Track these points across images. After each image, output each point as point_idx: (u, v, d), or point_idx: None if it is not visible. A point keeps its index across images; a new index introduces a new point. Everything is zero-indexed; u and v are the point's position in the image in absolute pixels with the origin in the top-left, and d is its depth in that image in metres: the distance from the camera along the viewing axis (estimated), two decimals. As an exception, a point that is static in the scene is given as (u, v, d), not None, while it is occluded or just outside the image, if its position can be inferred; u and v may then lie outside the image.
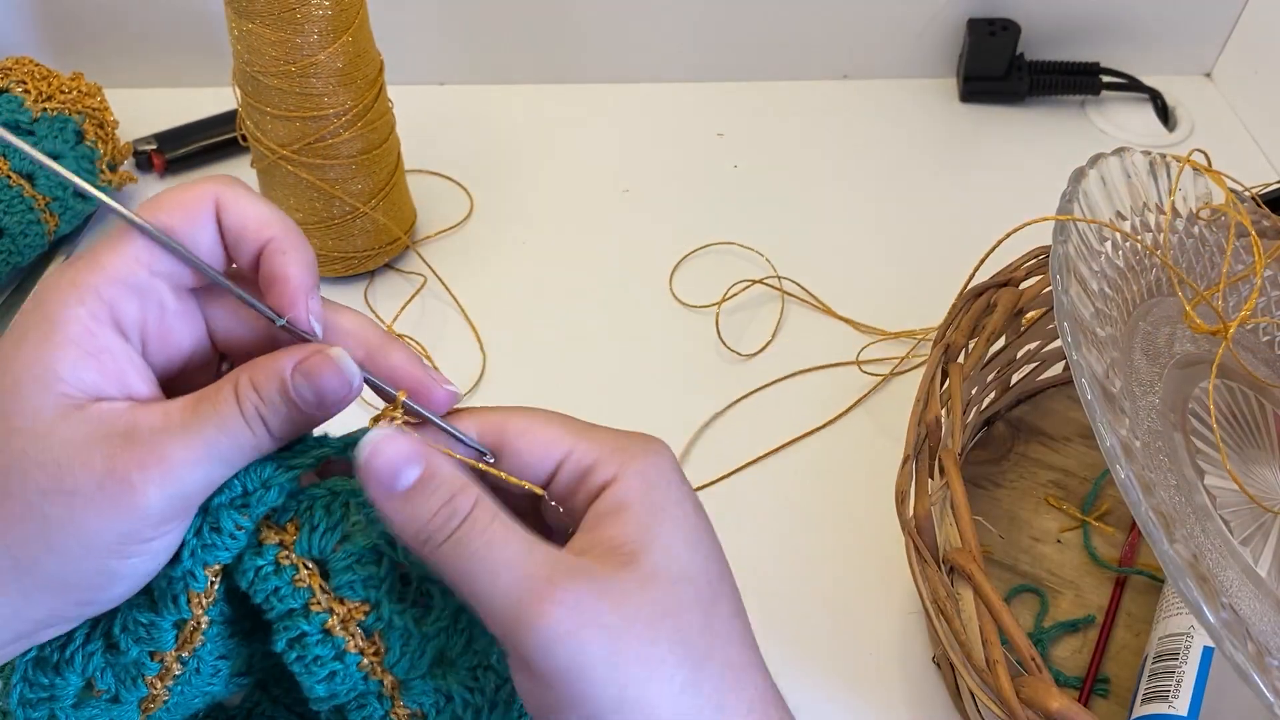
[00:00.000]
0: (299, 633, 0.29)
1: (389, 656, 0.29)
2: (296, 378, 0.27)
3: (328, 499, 0.29)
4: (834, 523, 0.52)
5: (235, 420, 0.27)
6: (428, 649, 0.30)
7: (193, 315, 0.29)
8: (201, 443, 0.26)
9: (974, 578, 0.37)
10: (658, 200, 0.69)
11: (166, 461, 0.26)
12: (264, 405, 0.27)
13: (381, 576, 0.29)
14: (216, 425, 0.26)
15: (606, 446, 0.29)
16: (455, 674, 0.30)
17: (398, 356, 0.29)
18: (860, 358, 0.59)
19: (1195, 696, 0.41)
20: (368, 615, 0.29)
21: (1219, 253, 0.47)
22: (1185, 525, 0.37)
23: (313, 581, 0.29)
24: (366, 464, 0.27)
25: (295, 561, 0.29)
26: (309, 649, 0.29)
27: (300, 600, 0.29)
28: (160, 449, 0.26)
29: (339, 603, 0.29)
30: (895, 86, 0.78)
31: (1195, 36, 0.78)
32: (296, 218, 0.59)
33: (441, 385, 0.29)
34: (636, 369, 0.59)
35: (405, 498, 0.27)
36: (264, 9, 0.51)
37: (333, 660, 0.29)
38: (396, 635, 0.29)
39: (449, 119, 0.74)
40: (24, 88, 0.60)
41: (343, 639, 0.29)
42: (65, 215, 0.61)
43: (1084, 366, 0.35)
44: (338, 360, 0.27)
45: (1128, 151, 0.46)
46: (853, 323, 0.61)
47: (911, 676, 0.47)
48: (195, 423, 0.26)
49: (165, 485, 0.26)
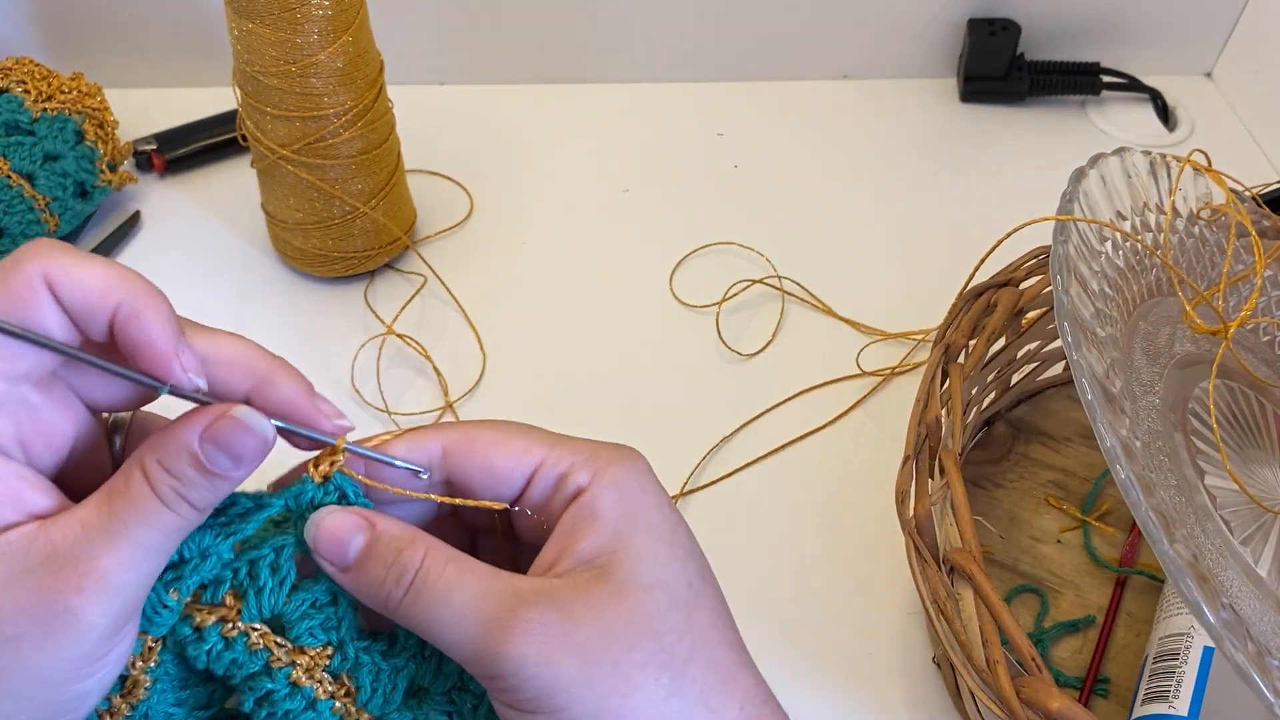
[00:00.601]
0: (265, 691, 0.28)
1: (361, 695, 0.29)
2: (207, 447, 0.26)
3: (271, 558, 0.28)
4: (834, 523, 0.52)
5: (155, 508, 0.25)
6: (399, 680, 0.29)
7: (66, 400, 0.27)
8: (129, 544, 0.25)
9: (974, 578, 0.37)
10: (658, 200, 0.69)
11: (99, 575, 0.24)
12: (179, 483, 0.25)
13: (340, 616, 0.29)
14: (139, 520, 0.25)
15: (579, 455, 0.29)
16: (431, 700, 0.30)
17: (286, 389, 0.27)
18: (860, 359, 0.59)
19: (1195, 696, 0.41)
20: (332, 658, 0.29)
21: (1219, 253, 0.47)
22: (1185, 525, 0.37)
23: (267, 641, 0.28)
24: (314, 547, 0.28)
25: (243, 629, 0.28)
26: (278, 705, 0.28)
27: (259, 662, 0.28)
28: (89, 564, 0.24)
29: (300, 653, 0.28)
30: (895, 86, 0.78)
31: (1195, 36, 0.78)
32: (297, 218, 0.59)
33: (330, 420, 0.28)
34: (636, 369, 0.59)
35: (357, 568, 0.27)
36: (264, 9, 0.51)
37: (305, 711, 0.28)
38: (365, 672, 0.29)
39: (449, 119, 0.74)
40: (24, 88, 0.60)
41: (311, 688, 0.28)
42: (65, 215, 0.61)
43: (1084, 366, 0.35)
44: (245, 420, 0.26)
45: (1128, 151, 0.46)
46: (853, 323, 0.61)
47: (911, 676, 0.47)
48: (116, 524, 0.25)
49: (105, 599, 0.24)
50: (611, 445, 0.29)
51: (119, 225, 0.65)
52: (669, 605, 0.27)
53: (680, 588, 0.27)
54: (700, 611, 0.28)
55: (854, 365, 0.59)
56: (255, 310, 0.61)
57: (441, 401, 0.57)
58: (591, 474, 0.28)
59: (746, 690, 0.27)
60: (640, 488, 0.28)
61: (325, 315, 0.61)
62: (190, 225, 0.66)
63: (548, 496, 0.29)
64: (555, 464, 0.28)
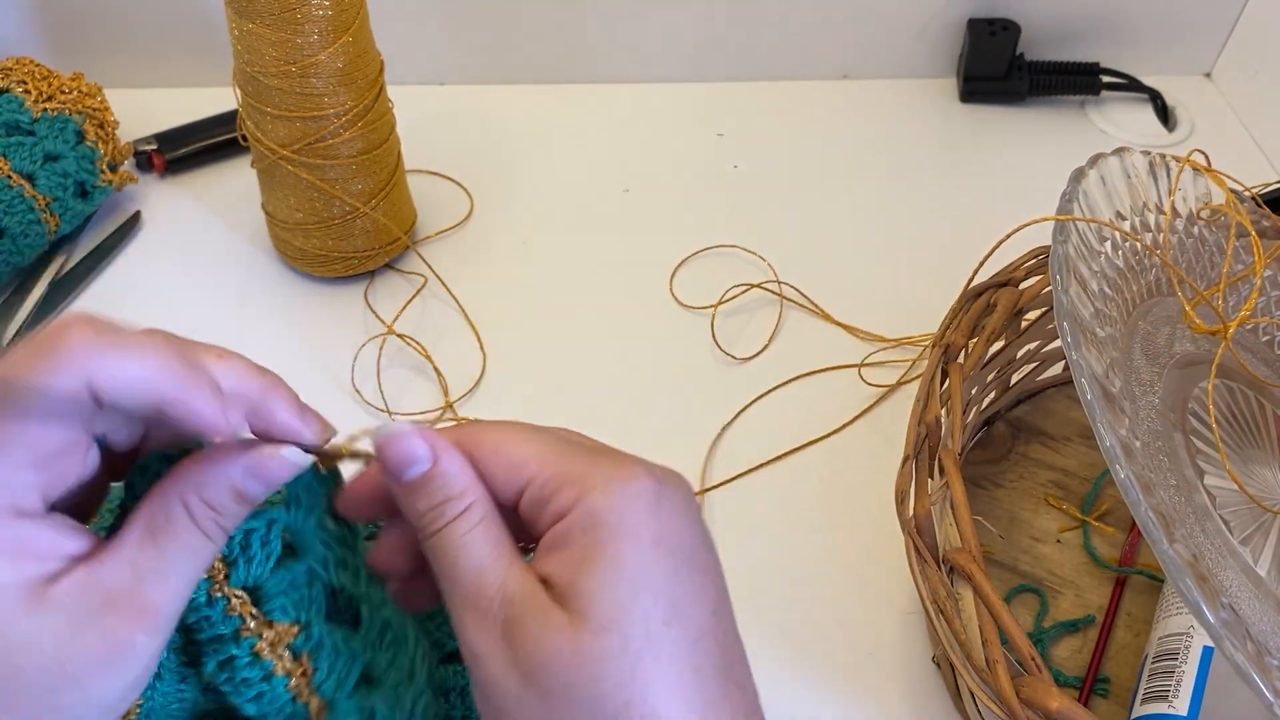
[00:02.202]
0: (228, 656, 0.30)
1: (316, 676, 0.30)
2: (250, 484, 0.28)
3: (263, 532, 0.30)
4: (834, 522, 0.52)
5: (201, 543, 0.27)
6: (354, 667, 0.31)
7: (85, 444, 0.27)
8: (179, 578, 0.27)
9: (974, 578, 0.37)
10: (658, 200, 0.69)
11: (156, 610, 0.26)
12: (221, 516, 0.27)
13: (313, 597, 0.30)
14: (188, 556, 0.27)
15: (570, 475, 0.27)
16: (379, 691, 0.31)
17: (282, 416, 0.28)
18: (863, 367, 0.59)
19: (1195, 696, 0.41)
20: (297, 636, 0.30)
21: (1219, 253, 0.47)
22: (1185, 525, 0.37)
23: (244, 610, 0.30)
24: (379, 451, 0.29)
25: (227, 593, 0.29)
26: (237, 671, 0.30)
27: (231, 627, 0.30)
28: (146, 602, 0.26)
29: (268, 626, 0.30)
30: (895, 86, 0.78)
31: (1195, 36, 0.78)
32: (297, 218, 0.59)
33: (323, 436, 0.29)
34: (636, 370, 0.59)
35: (407, 491, 0.29)
36: (264, 9, 0.51)
37: (260, 682, 0.30)
38: (325, 654, 0.30)
39: (449, 119, 0.74)
40: (24, 88, 0.60)
41: (270, 662, 0.30)
42: (66, 215, 0.61)
43: (1084, 366, 0.35)
44: (290, 458, 0.28)
45: (1127, 151, 0.46)
46: (851, 328, 0.61)
47: (911, 676, 0.47)
48: (166, 563, 0.27)
49: (161, 631, 0.26)
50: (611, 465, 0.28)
51: (119, 225, 0.65)
52: (618, 652, 0.25)
53: (636, 634, 0.26)
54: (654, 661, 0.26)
55: (854, 367, 0.59)
56: (255, 310, 0.61)
57: (441, 401, 0.57)
58: (573, 500, 0.27)
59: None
60: (619, 519, 0.26)
61: (325, 315, 0.61)
62: (190, 225, 0.66)
63: (534, 514, 0.28)
64: (543, 485, 0.28)
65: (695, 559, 0.27)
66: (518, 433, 0.29)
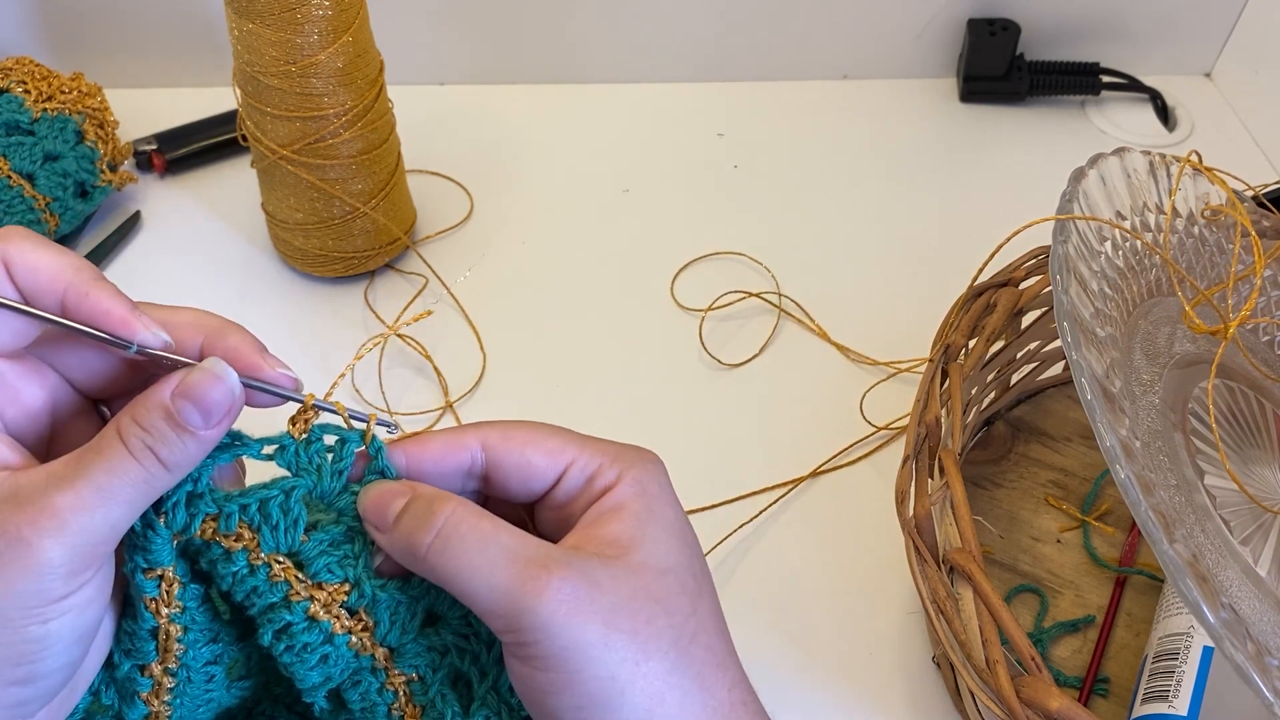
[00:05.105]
0: (284, 623, 0.29)
1: (379, 629, 0.30)
2: (179, 401, 0.27)
3: (280, 499, 0.30)
4: (833, 522, 0.52)
5: (122, 458, 0.27)
6: (417, 610, 0.31)
7: (38, 372, 0.29)
8: (91, 488, 0.26)
9: (974, 578, 0.37)
10: (658, 201, 0.69)
11: (59, 513, 0.26)
12: (149, 435, 0.27)
13: (356, 553, 0.30)
14: (104, 468, 0.27)
15: (608, 455, 0.31)
16: (448, 625, 0.31)
17: (234, 339, 0.29)
18: (864, 390, 0.59)
19: (1195, 696, 0.41)
20: (349, 594, 0.30)
21: (1219, 253, 0.47)
22: (1185, 525, 0.37)
23: (288, 574, 0.29)
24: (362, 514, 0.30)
25: (266, 559, 0.29)
26: (296, 637, 0.29)
27: (279, 593, 0.29)
28: (49, 502, 0.26)
29: (318, 588, 0.29)
30: (895, 86, 0.78)
31: (1195, 36, 0.78)
32: (297, 218, 0.59)
33: (274, 369, 0.30)
34: (636, 370, 0.59)
35: (394, 525, 0.29)
36: (264, 9, 0.51)
37: (322, 644, 0.30)
38: (383, 607, 0.30)
39: (449, 119, 0.74)
40: (24, 88, 0.60)
41: (328, 622, 0.29)
42: (66, 215, 0.61)
43: (1084, 366, 0.35)
44: (213, 369, 0.28)
45: (1128, 151, 0.46)
46: (848, 350, 0.61)
47: (911, 676, 0.47)
48: (81, 470, 0.26)
49: (63, 536, 0.26)
50: (633, 448, 0.32)
51: (119, 225, 0.65)
52: (679, 589, 0.29)
53: (688, 577, 0.30)
54: (703, 600, 0.30)
55: (854, 369, 0.59)
56: (255, 310, 0.61)
57: (442, 401, 0.57)
58: (618, 473, 0.31)
59: (734, 677, 0.30)
60: (659, 487, 0.31)
61: (325, 315, 0.61)
62: (190, 225, 0.66)
63: (576, 492, 0.31)
64: (586, 464, 0.31)
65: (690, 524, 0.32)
66: (541, 426, 0.32)
